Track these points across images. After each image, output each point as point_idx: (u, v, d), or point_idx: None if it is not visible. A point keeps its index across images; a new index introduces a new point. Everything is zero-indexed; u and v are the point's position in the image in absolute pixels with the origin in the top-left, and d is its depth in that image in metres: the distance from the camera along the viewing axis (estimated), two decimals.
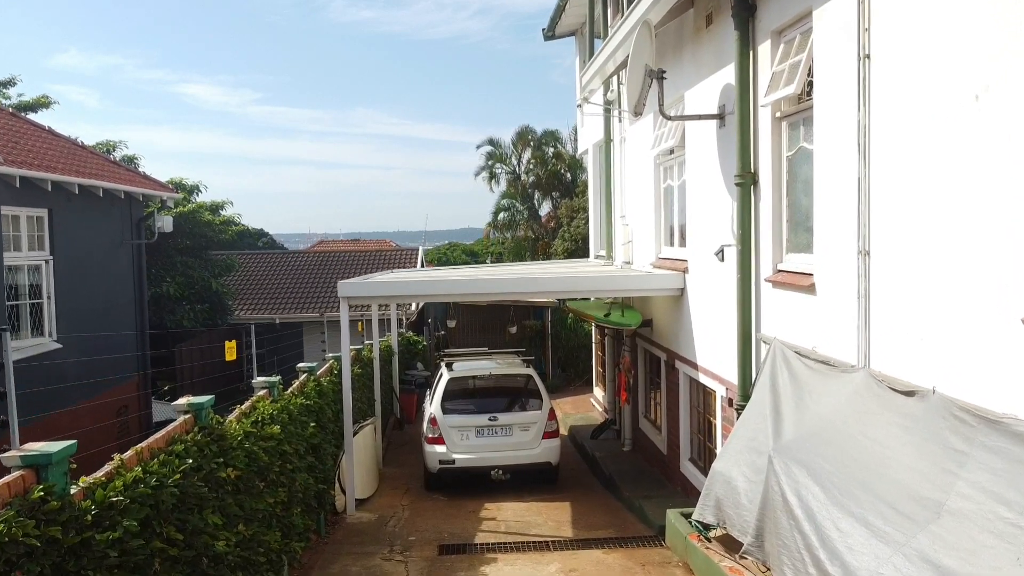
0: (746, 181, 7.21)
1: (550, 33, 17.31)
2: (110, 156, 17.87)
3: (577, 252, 26.68)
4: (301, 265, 27.08)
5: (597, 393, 16.88)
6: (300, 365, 9.01)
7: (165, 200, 16.11)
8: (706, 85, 8.45)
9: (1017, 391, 3.90)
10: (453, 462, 10.81)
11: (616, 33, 10.04)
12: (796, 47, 6.45)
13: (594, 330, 17.18)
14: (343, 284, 9.82)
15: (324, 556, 7.94)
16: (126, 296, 15.10)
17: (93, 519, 3.42)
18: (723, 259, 7.94)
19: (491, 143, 35.05)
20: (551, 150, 34.05)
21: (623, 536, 8.65)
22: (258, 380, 7.04)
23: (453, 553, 8.14)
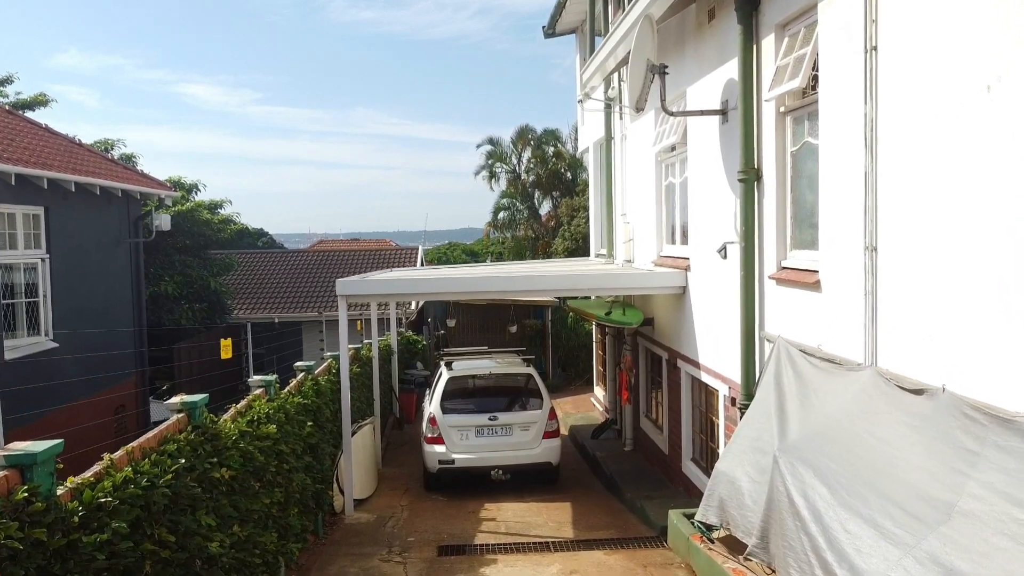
0: (749, 177, 7.11)
1: (550, 31, 17.21)
2: (108, 155, 17.78)
3: (578, 251, 26.58)
4: (300, 264, 26.97)
5: (598, 393, 16.78)
6: (298, 364, 8.92)
7: (163, 198, 16.01)
8: (708, 81, 8.36)
9: None
10: (453, 462, 10.71)
11: (617, 29, 9.94)
12: (801, 40, 6.35)
13: (595, 329, 17.08)
14: (341, 282, 9.73)
15: (322, 557, 7.84)
16: (124, 295, 14.99)
17: (80, 521, 3.32)
18: (726, 256, 7.84)
19: (491, 142, 35.00)
20: (551, 149, 33.98)
21: (624, 537, 8.55)
22: (254, 379, 6.94)
23: (452, 554, 8.04)
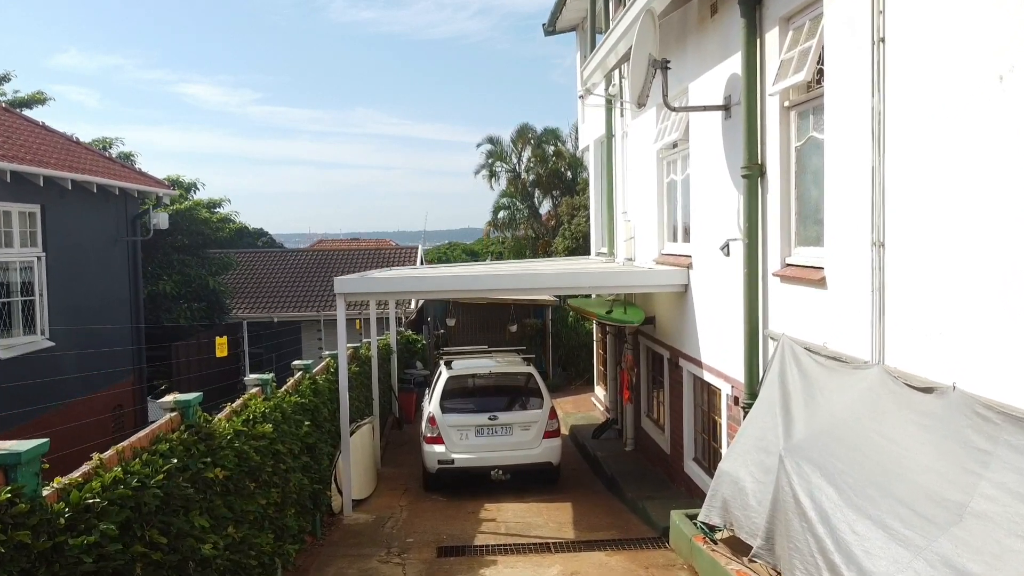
0: (753, 173, 7.01)
1: (550, 28, 17.10)
2: (106, 153, 17.67)
3: (578, 250, 26.48)
4: (299, 264, 26.85)
5: (598, 392, 16.68)
6: (295, 363, 8.81)
7: (161, 197, 15.91)
8: (711, 76, 8.26)
9: None
10: (452, 462, 10.61)
11: (618, 25, 9.83)
12: (806, 33, 6.25)
13: (595, 328, 16.99)
14: (339, 280, 9.63)
15: (320, 558, 7.75)
16: (121, 294, 14.89)
17: (66, 522, 3.22)
18: (728, 254, 7.73)
19: (491, 141, 34.88)
20: (551, 148, 33.87)
21: (626, 538, 8.46)
22: (250, 377, 6.84)
23: (452, 555, 7.95)
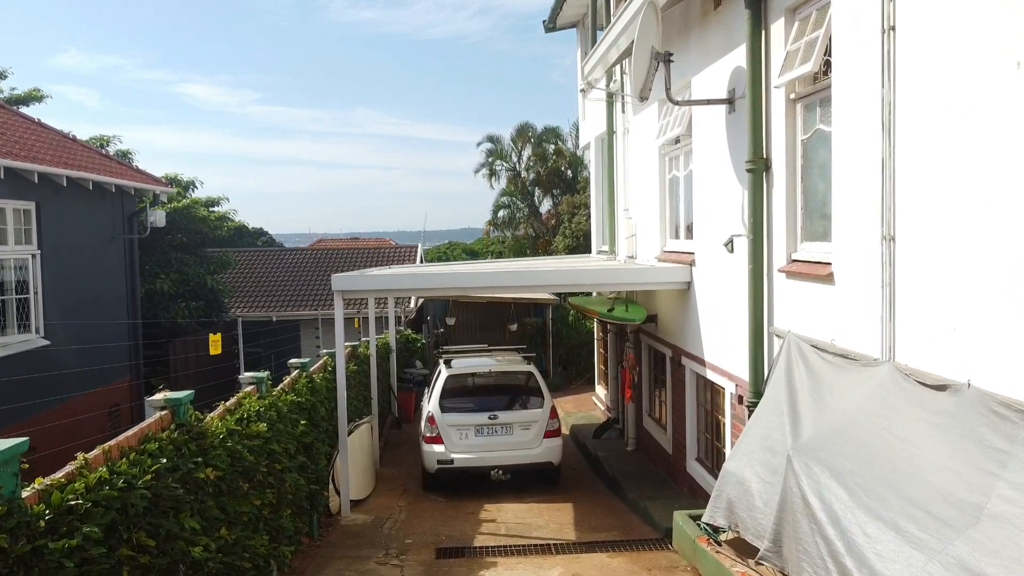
0: (758, 167, 6.87)
1: (551, 25, 16.95)
2: (103, 151, 17.53)
3: (578, 249, 26.36)
4: (298, 263, 26.71)
5: (599, 391, 16.55)
6: (292, 361, 8.69)
7: (158, 194, 15.77)
8: (714, 70, 8.12)
9: None
10: (452, 462, 10.47)
11: (619, 19, 9.69)
12: (812, 24, 6.12)
13: (596, 327, 16.85)
14: (337, 277, 9.49)
15: (316, 560, 7.62)
16: (118, 292, 14.76)
17: (47, 525, 3.09)
18: (732, 250, 7.60)
19: (491, 140, 34.76)
20: (552, 147, 33.75)
21: (628, 539, 8.33)
22: (245, 376, 6.71)
23: (451, 556, 7.82)
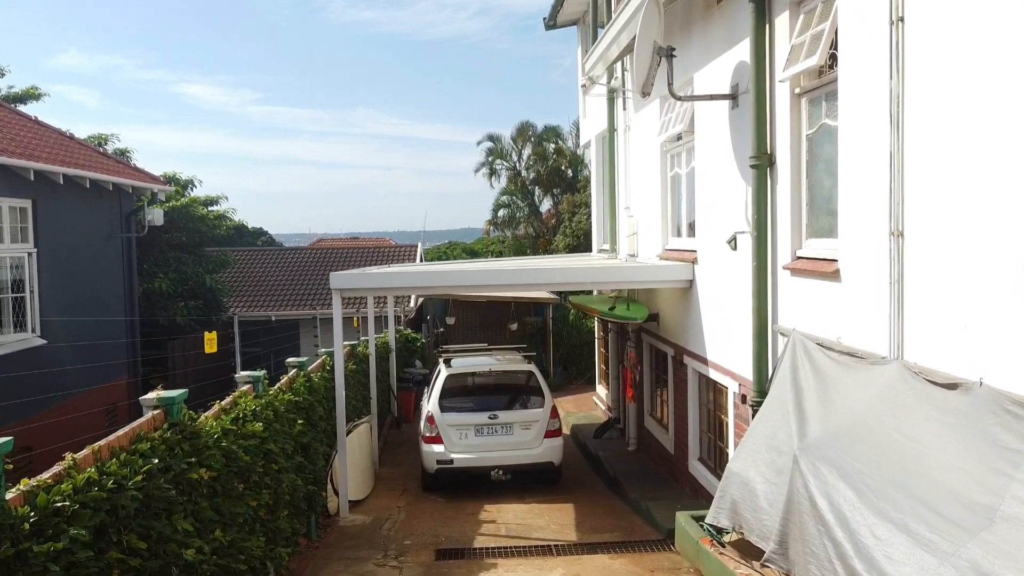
0: (762, 163, 6.77)
1: (551, 22, 16.84)
2: (101, 149, 17.43)
3: (579, 248, 26.25)
4: (297, 262, 26.59)
5: (600, 391, 16.45)
6: (290, 360, 8.57)
7: (156, 193, 15.68)
8: (717, 65, 8.02)
9: None
10: (451, 462, 10.37)
11: (620, 15, 9.58)
12: (818, 17, 6.01)
13: (597, 326, 16.75)
14: (335, 275, 9.38)
15: (314, 561, 7.52)
16: (115, 291, 14.66)
17: (32, 528, 2.98)
18: (736, 248, 7.50)
19: (491, 139, 34.61)
20: (552, 146, 33.61)
21: (630, 540, 8.23)
22: (241, 375, 6.60)
23: (451, 558, 7.72)
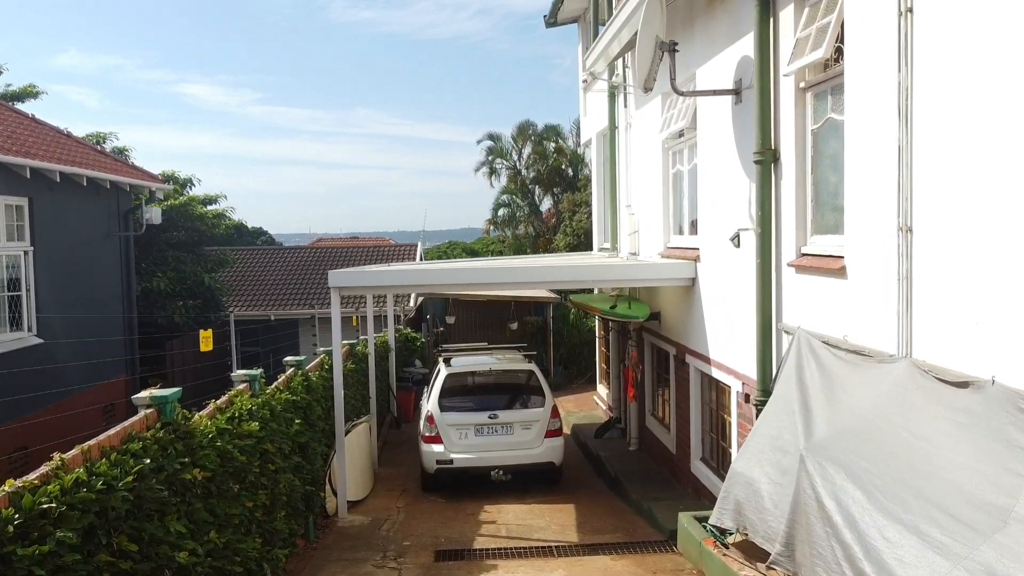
0: (766, 158, 6.68)
1: (552, 20, 16.74)
2: (99, 147, 17.33)
3: (579, 247, 26.17)
4: (297, 261, 26.48)
5: (601, 391, 16.35)
6: (287, 359, 8.48)
7: (154, 191, 15.57)
8: (720, 60, 7.92)
9: None
10: (451, 462, 10.27)
11: (622, 11, 9.48)
12: (824, 9, 5.91)
13: (598, 325, 16.65)
14: (334, 274, 9.28)
15: (312, 563, 7.42)
16: (113, 290, 14.55)
17: (16, 530, 2.89)
18: (739, 245, 7.40)
19: (492, 138, 34.54)
20: (552, 145, 33.53)
21: (631, 541, 8.14)
22: (237, 373, 6.50)
23: (450, 559, 7.62)
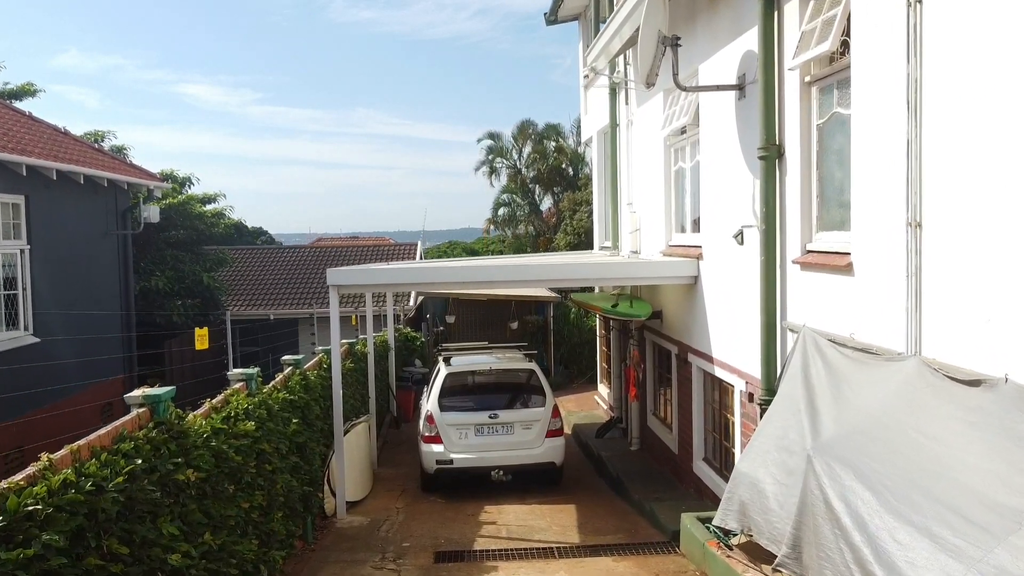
0: (770, 154, 6.58)
1: (552, 17, 16.64)
2: (97, 146, 17.23)
3: (580, 246, 26.08)
4: (296, 260, 26.37)
5: (602, 390, 16.26)
6: (285, 358, 8.38)
7: (152, 190, 15.48)
8: (723, 55, 7.83)
9: None
10: (451, 462, 10.18)
11: (623, 7, 9.39)
12: (830, 2, 5.82)
13: (599, 324, 16.55)
14: (332, 272, 9.18)
15: (310, 564, 7.33)
16: (111, 288, 14.46)
17: (1, 533, 2.79)
18: (743, 242, 7.31)
19: (492, 137, 34.46)
20: (552, 144, 33.44)
21: (633, 542, 8.04)
22: (233, 372, 6.41)
23: (450, 561, 7.53)
